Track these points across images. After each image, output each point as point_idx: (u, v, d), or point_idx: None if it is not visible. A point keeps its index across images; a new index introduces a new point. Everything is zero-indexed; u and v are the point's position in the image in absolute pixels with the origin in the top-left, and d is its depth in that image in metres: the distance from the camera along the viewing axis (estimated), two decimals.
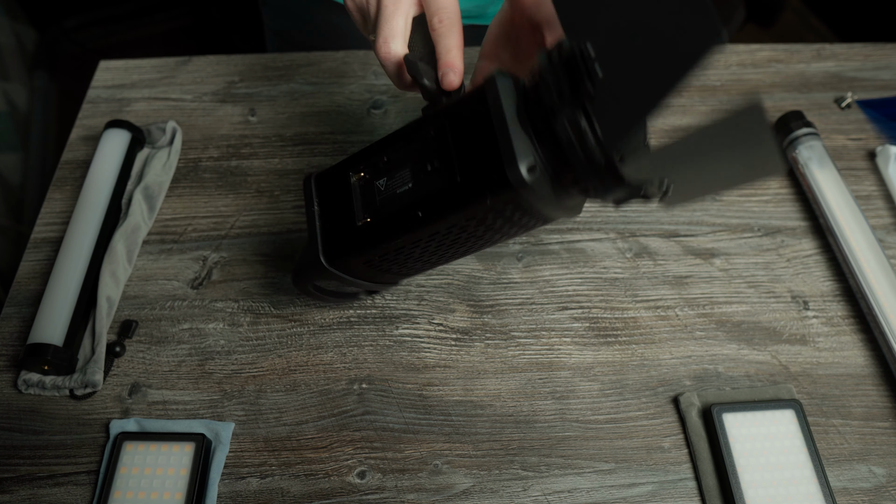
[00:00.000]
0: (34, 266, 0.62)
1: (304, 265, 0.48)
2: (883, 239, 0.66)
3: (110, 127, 0.68)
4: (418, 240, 0.44)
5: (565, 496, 0.51)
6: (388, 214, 0.44)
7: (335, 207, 0.47)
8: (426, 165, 0.42)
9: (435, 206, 0.41)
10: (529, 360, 0.58)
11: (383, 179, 0.45)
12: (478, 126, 0.39)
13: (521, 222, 0.43)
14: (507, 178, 0.38)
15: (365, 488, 0.51)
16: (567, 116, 0.36)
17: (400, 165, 0.44)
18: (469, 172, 0.39)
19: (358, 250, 0.45)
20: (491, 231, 0.44)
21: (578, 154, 0.37)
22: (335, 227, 0.47)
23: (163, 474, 0.50)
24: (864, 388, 0.57)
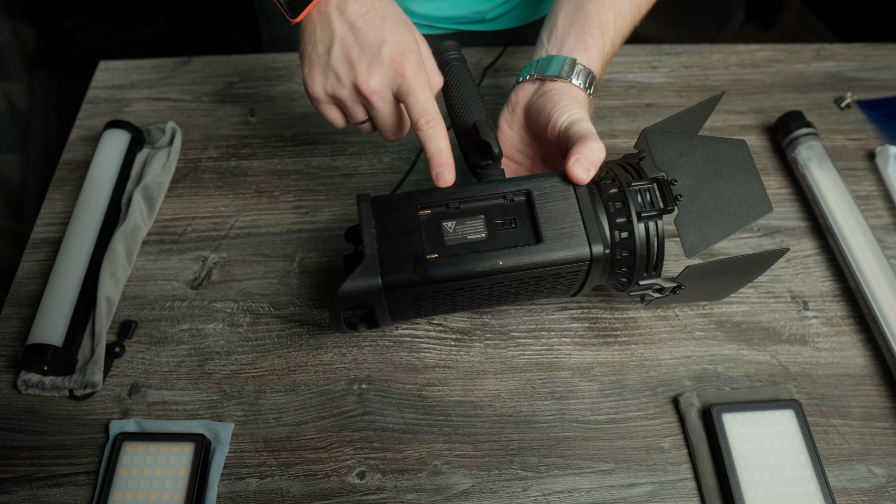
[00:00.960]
0: (34, 266, 0.62)
1: (357, 288, 0.46)
2: (883, 239, 0.66)
3: (110, 127, 0.68)
4: (480, 284, 0.48)
5: (565, 496, 0.51)
6: (463, 255, 0.47)
7: (398, 236, 0.48)
8: (503, 222, 0.49)
9: (515, 257, 0.47)
10: (529, 360, 0.58)
11: (452, 223, 0.48)
12: (563, 207, 0.48)
13: (563, 285, 0.51)
14: (591, 250, 0.47)
15: (364, 488, 0.51)
16: (648, 221, 0.48)
17: (472, 214, 0.49)
18: (553, 237, 0.47)
19: (421, 282, 0.46)
20: (535, 288, 0.50)
21: (644, 248, 0.48)
22: (398, 255, 0.47)
23: (162, 475, 0.50)
24: (863, 389, 0.57)
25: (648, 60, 0.81)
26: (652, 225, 0.49)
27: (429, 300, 0.49)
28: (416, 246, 0.47)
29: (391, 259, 0.47)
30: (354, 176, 0.69)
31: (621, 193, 0.49)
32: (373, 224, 0.48)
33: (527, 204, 0.49)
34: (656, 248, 0.49)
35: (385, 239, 0.48)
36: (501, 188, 0.49)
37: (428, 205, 0.49)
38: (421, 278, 0.46)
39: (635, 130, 0.74)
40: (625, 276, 0.51)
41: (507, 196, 0.49)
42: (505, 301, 0.53)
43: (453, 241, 0.48)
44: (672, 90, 0.78)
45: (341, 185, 0.69)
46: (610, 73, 0.79)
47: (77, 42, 1.82)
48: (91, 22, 1.87)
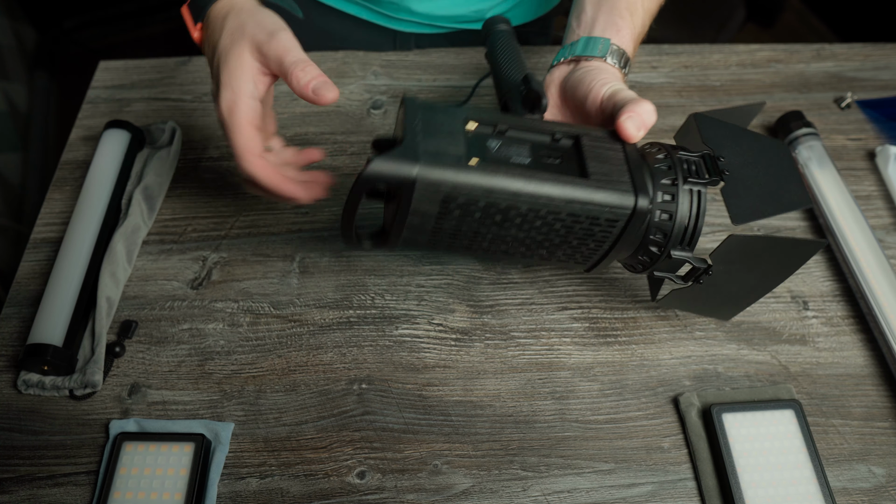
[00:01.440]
0: (34, 266, 0.62)
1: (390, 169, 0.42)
2: (883, 239, 0.66)
3: (110, 127, 0.68)
4: (515, 207, 0.45)
5: (565, 496, 0.51)
6: (504, 169, 0.44)
7: (442, 135, 0.45)
8: (548, 157, 0.47)
9: (558, 185, 0.45)
10: (529, 360, 0.58)
11: (497, 142, 0.46)
12: (611, 155, 0.47)
13: (593, 240, 0.48)
14: (636, 199, 0.45)
15: (364, 488, 0.51)
16: (693, 188, 0.48)
17: (519, 142, 0.47)
18: (598, 179, 0.45)
19: (457, 182, 0.43)
20: (566, 235, 0.48)
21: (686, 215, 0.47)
22: (439, 150, 0.44)
23: (162, 474, 0.50)
24: (863, 388, 0.57)
25: (648, 60, 0.81)
26: (696, 194, 0.47)
27: (457, 211, 0.45)
28: (458, 149, 0.44)
29: (432, 152, 0.43)
30: (355, 176, 0.69)
31: (668, 158, 0.48)
32: (419, 118, 0.45)
33: (574, 147, 0.48)
34: (696, 219, 0.47)
35: (428, 134, 0.44)
36: (550, 127, 0.48)
37: (476, 119, 0.47)
38: (459, 178, 0.43)
39: None
40: (656, 244, 0.48)
41: (556, 135, 0.47)
42: (527, 247, 0.49)
43: (496, 157, 0.45)
44: (672, 90, 0.78)
45: (341, 185, 0.69)
46: None
47: (77, 42, 1.83)
48: (91, 22, 1.87)
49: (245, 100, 0.48)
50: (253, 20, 0.49)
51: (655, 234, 0.48)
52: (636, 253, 0.50)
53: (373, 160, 0.42)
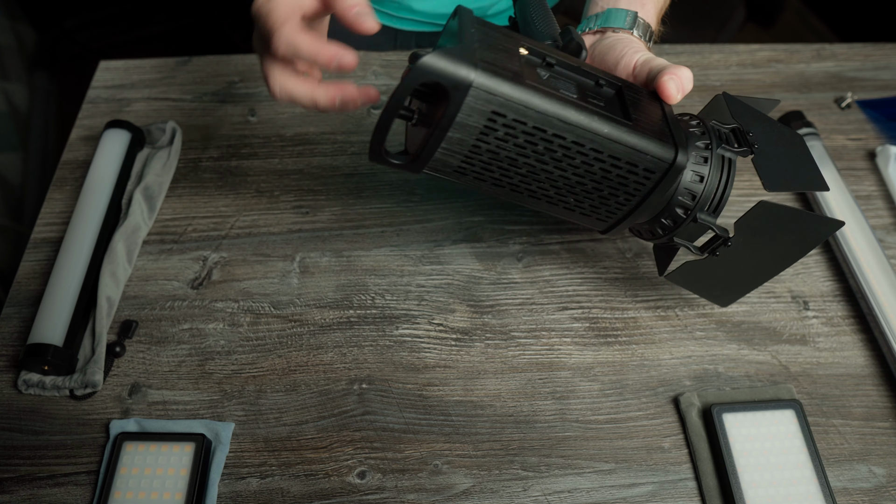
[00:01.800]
0: (34, 266, 0.62)
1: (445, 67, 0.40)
2: (883, 239, 0.66)
3: (110, 127, 0.68)
4: (560, 136, 0.44)
5: (565, 496, 0.51)
6: (557, 95, 0.43)
7: (497, 50, 0.43)
8: (593, 96, 0.47)
9: (605, 122, 0.44)
10: (529, 360, 0.58)
11: (546, 73, 0.46)
12: (652, 109, 0.48)
13: (627, 190, 0.48)
14: (676, 153, 0.46)
15: (365, 488, 0.51)
16: (725, 154, 0.49)
17: (566, 78, 0.47)
18: (643, 126, 0.46)
19: (514, 95, 0.41)
20: (601, 179, 0.47)
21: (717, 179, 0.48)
22: (496, 60, 0.42)
23: (163, 474, 0.50)
24: (864, 388, 0.57)
25: None
26: (727, 161, 0.49)
27: (501, 131, 0.43)
28: (514, 66, 0.43)
29: (490, 60, 0.42)
30: (355, 176, 0.69)
31: (701, 125, 0.50)
32: (474, 30, 0.43)
33: (617, 95, 0.48)
34: (725, 186, 0.48)
35: (485, 45, 0.43)
36: (594, 71, 0.48)
37: (528, 48, 0.46)
38: (513, 93, 0.41)
39: None
40: (684, 206, 0.49)
41: (599, 81, 0.48)
42: (557, 190, 0.48)
43: (547, 83, 0.45)
44: None
45: (342, 185, 0.69)
46: None
47: (77, 42, 1.82)
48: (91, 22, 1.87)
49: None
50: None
51: (684, 195, 0.49)
52: (660, 215, 0.50)
53: (427, 53, 0.39)
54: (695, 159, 0.48)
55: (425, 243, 0.64)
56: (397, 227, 0.66)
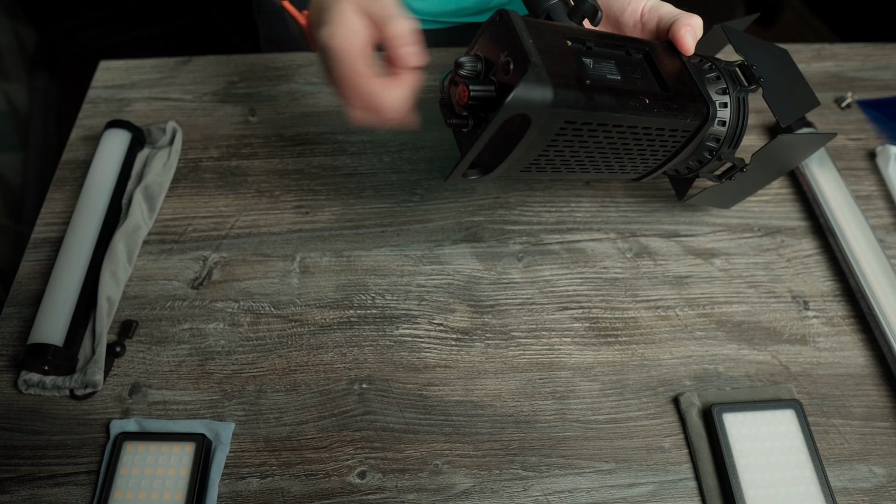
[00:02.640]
0: (34, 266, 0.62)
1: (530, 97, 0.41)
2: (883, 239, 0.66)
3: (110, 127, 0.68)
4: (624, 122, 0.47)
5: (565, 496, 0.51)
6: (611, 88, 0.46)
7: (556, 55, 0.44)
8: (631, 71, 0.49)
9: (652, 100, 0.47)
10: (530, 360, 0.58)
11: (590, 60, 0.48)
12: (675, 66, 0.51)
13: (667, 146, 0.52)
14: (708, 109, 0.50)
15: (365, 488, 0.51)
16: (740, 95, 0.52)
17: (605, 58, 0.49)
18: (679, 94, 0.49)
19: (586, 104, 0.44)
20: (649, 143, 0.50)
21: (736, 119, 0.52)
22: (559, 72, 0.43)
23: (163, 474, 0.50)
24: (864, 388, 0.57)
25: None
26: (742, 100, 0.52)
27: (570, 133, 0.46)
28: (573, 69, 0.44)
29: (557, 73, 0.43)
30: (355, 176, 0.69)
31: (716, 69, 0.52)
32: (526, 34, 0.44)
33: (646, 61, 0.51)
34: (742, 123, 0.52)
35: (545, 54, 0.43)
36: (622, 41, 0.50)
37: (572, 37, 0.47)
38: (585, 101, 0.44)
39: None
40: (710, 149, 0.53)
41: (628, 50, 0.50)
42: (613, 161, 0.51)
43: (596, 77, 0.46)
44: None
45: (342, 185, 0.69)
46: None
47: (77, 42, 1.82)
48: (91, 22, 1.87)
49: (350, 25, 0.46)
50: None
51: (710, 140, 0.52)
52: (688, 158, 0.54)
53: (515, 88, 0.41)
54: (716, 107, 0.51)
55: (425, 243, 0.64)
56: (397, 227, 0.66)
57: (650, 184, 0.69)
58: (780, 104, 0.52)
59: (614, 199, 0.68)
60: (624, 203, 0.68)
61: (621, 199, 0.68)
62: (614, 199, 0.68)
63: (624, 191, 0.69)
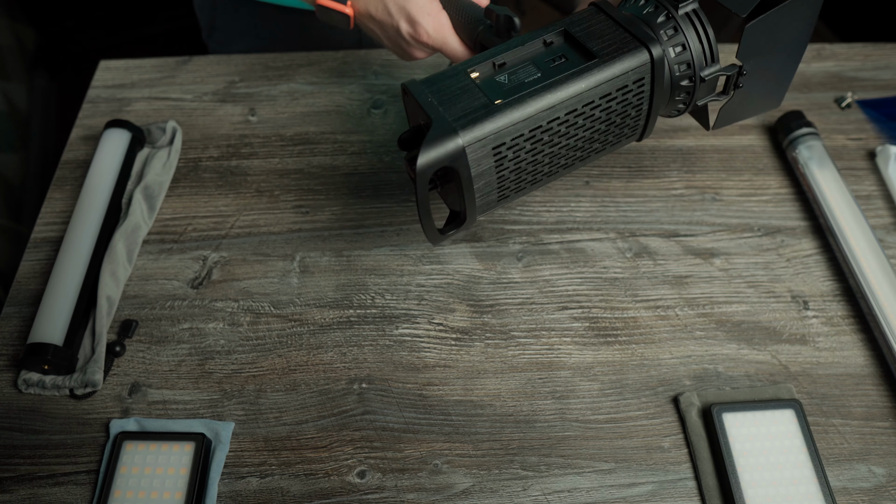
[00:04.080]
0: (34, 266, 0.62)
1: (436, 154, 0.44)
2: (883, 239, 0.66)
3: (110, 127, 0.68)
4: (556, 118, 0.47)
5: (565, 496, 0.51)
6: (528, 92, 0.46)
7: (458, 97, 0.47)
8: (551, 61, 0.49)
9: (579, 79, 0.47)
10: (529, 359, 0.58)
11: (504, 75, 0.49)
12: (603, 27, 0.49)
13: (633, 107, 0.50)
14: (648, 49, 0.48)
15: (365, 488, 0.51)
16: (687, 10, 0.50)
17: (521, 63, 0.49)
18: (608, 53, 0.48)
19: (500, 126, 0.45)
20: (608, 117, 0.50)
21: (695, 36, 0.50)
22: (466, 108, 0.46)
23: (163, 474, 0.50)
24: (864, 388, 0.57)
25: None
26: (693, 15, 0.50)
27: (510, 154, 0.47)
28: (479, 99, 0.46)
29: (461, 115, 0.45)
30: (355, 175, 0.69)
31: (650, 2, 0.51)
32: (429, 94, 0.47)
33: (567, 39, 0.50)
34: (705, 34, 0.50)
35: (447, 103, 0.46)
36: (536, 35, 0.50)
37: (474, 68, 0.49)
38: (498, 122, 0.45)
39: None
40: (687, 76, 0.51)
41: (546, 40, 0.50)
42: (581, 149, 0.51)
43: (512, 87, 0.48)
44: None
45: (342, 185, 0.69)
46: None
47: (77, 42, 1.82)
48: (91, 22, 1.87)
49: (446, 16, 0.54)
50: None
51: (680, 68, 0.50)
52: (673, 95, 0.52)
53: (418, 155, 0.44)
54: (666, 35, 0.50)
55: (425, 243, 0.64)
56: (397, 227, 0.66)
57: (650, 184, 0.69)
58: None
59: (614, 198, 0.68)
60: (624, 203, 0.68)
61: (621, 199, 0.68)
62: (614, 199, 0.68)
63: (624, 191, 0.69)
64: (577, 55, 0.49)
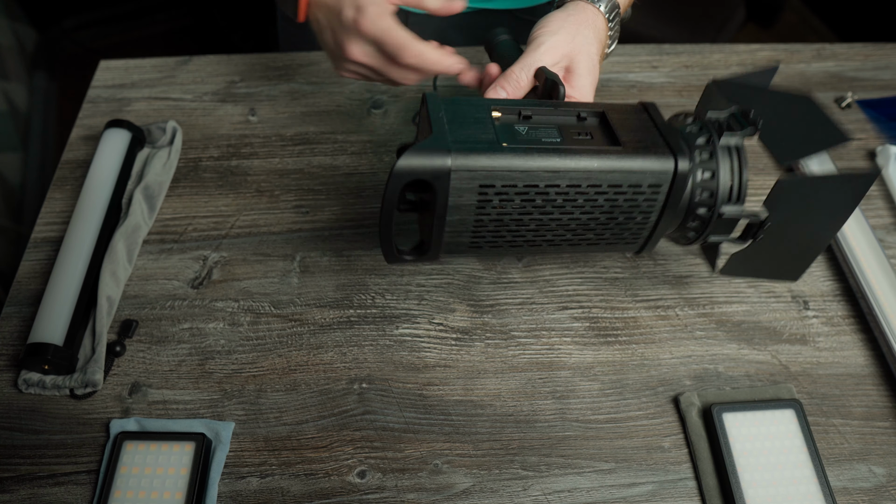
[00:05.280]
0: (34, 266, 0.62)
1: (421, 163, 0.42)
2: (883, 239, 0.66)
3: (110, 126, 0.68)
4: (554, 186, 0.44)
5: (565, 496, 0.51)
6: (537, 149, 0.44)
7: (470, 124, 0.45)
8: (576, 133, 0.47)
9: (593, 157, 0.44)
10: (529, 359, 0.58)
11: (524, 127, 0.46)
12: (641, 124, 0.47)
13: (640, 213, 0.47)
14: (676, 159, 0.45)
15: (365, 488, 0.51)
16: (730, 142, 0.48)
17: (546, 125, 0.47)
18: (635, 146, 0.45)
19: (493, 166, 0.43)
20: (610, 211, 0.47)
21: (728, 169, 0.47)
22: (470, 136, 0.43)
23: (163, 474, 0.50)
24: (864, 388, 0.57)
25: (649, 60, 0.81)
26: (734, 149, 0.48)
27: (495, 199, 0.44)
28: (488, 134, 0.44)
29: (463, 139, 0.43)
30: (355, 175, 0.69)
31: (697, 122, 0.49)
32: (442, 112, 0.45)
33: (601, 122, 0.48)
34: (739, 172, 0.47)
35: (455, 124, 0.44)
36: (573, 107, 0.48)
37: (500, 108, 0.47)
38: (494, 162, 0.42)
39: None
40: (705, 204, 0.48)
41: (581, 114, 0.48)
42: (573, 232, 0.48)
43: (528, 139, 0.45)
44: (673, 90, 0.78)
45: (342, 185, 0.69)
46: (610, 73, 0.79)
47: (77, 42, 1.83)
48: (91, 22, 1.87)
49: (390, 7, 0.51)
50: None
51: (702, 194, 0.48)
52: (686, 220, 0.50)
53: (403, 154, 0.41)
54: (700, 157, 0.48)
55: None
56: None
57: None
58: (779, 143, 0.47)
59: None
60: None
61: None
62: None
63: None
64: (603, 137, 0.47)
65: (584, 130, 0.47)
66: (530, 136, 0.46)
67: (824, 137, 0.48)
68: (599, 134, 0.47)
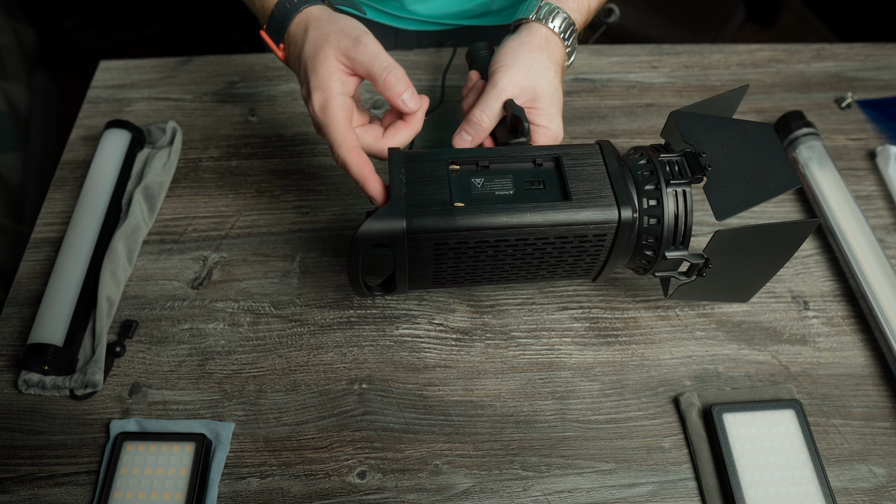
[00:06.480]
0: (34, 266, 0.62)
1: (380, 228, 0.46)
2: (883, 239, 0.66)
3: (110, 127, 0.68)
4: (504, 239, 0.48)
5: (565, 496, 0.51)
6: (489, 206, 0.47)
7: (425, 183, 0.48)
8: (531, 182, 0.49)
9: (542, 212, 0.47)
10: (529, 360, 0.58)
11: (480, 179, 0.49)
12: (592, 171, 0.49)
13: (588, 255, 0.50)
14: (619, 212, 0.47)
15: (365, 488, 0.51)
16: (677, 189, 0.49)
17: (501, 173, 0.49)
18: (581, 198, 0.48)
19: (446, 227, 0.46)
20: (559, 255, 0.50)
21: (673, 216, 0.49)
22: (425, 200, 0.47)
23: (163, 474, 0.50)
24: (864, 388, 0.57)
25: (649, 60, 0.81)
26: (681, 194, 0.49)
27: (451, 253, 0.48)
28: (443, 194, 0.47)
29: (418, 203, 0.47)
30: None
31: (650, 164, 0.50)
32: (402, 171, 0.48)
33: (556, 168, 0.50)
34: (684, 218, 0.49)
35: (413, 185, 0.48)
36: (531, 152, 0.50)
37: (458, 161, 0.49)
38: (446, 224, 0.46)
39: (636, 130, 0.74)
40: (651, 248, 0.50)
41: (537, 160, 0.50)
42: (527, 272, 0.52)
43: (480, 194, 0.48)
44: (672, 90, 0.78)
45: (342, 185, 0.69)
46: (610, 73, 0.79)
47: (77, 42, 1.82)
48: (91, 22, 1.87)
49: (336, 97, 0.50)
50: (334, 28, 0.50)
51: (647, 238, 0.50)
52: (634, 258, 0.52)
53: (364, 223, 0.46)
54: (647, 203, 0.49)
55: None
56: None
57: None
58: (723, 195, 0.48)
59: None
60: None
61: None
62: None
63: None
64: (555, 187, 0.49)
65: (537, 179, 0.49)
66: (484, 189, 0.49)
67: (775, 182, 0.49)
68: (553, 181, 0.49)
